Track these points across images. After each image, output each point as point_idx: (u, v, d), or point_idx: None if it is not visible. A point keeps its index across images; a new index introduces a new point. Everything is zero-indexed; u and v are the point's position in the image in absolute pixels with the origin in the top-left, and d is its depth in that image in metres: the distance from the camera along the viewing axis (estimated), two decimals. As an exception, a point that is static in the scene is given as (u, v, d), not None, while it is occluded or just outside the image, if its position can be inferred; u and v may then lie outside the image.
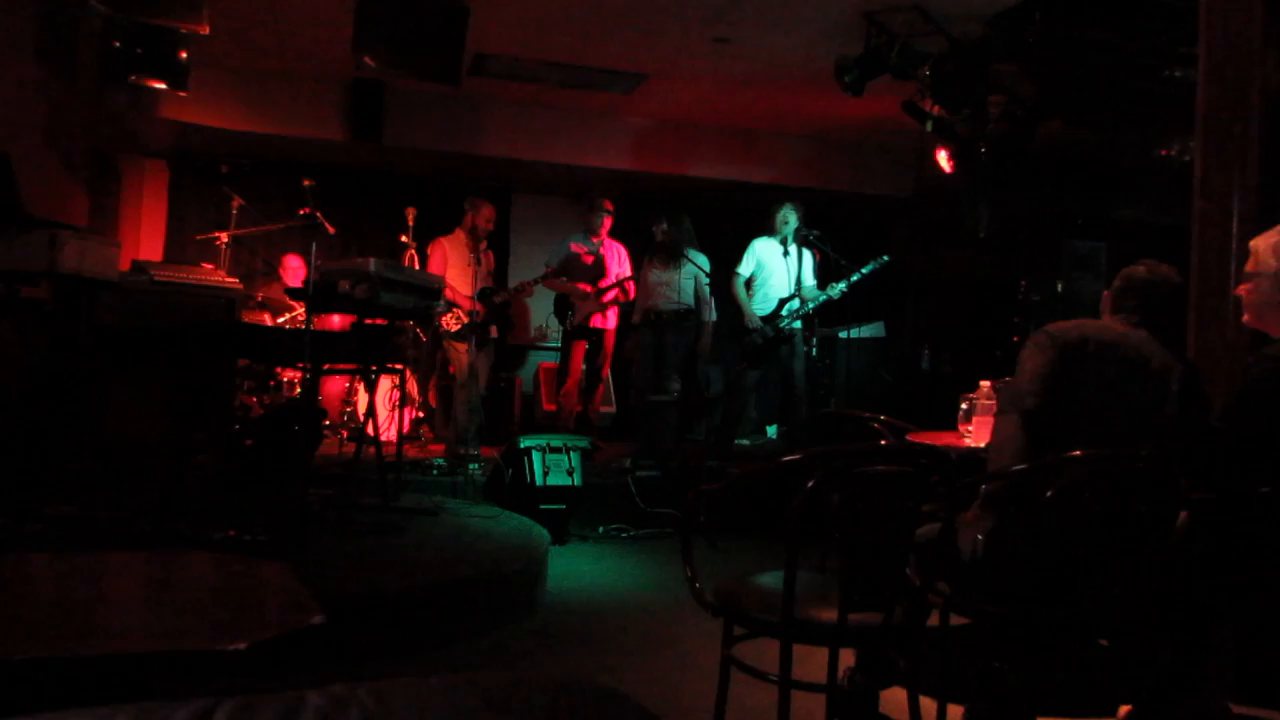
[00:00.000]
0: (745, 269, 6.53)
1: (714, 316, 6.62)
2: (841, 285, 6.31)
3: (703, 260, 6.53)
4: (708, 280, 6.59)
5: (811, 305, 6.40)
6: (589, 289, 6.85)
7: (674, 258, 6.45)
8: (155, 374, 4.68)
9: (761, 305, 6.46)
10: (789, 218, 6.46)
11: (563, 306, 7.10)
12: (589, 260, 6.96)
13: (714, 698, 2.48)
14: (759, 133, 8.37)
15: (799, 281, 6.42)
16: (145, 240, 8.07)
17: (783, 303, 6.40)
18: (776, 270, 6.47)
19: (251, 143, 7.47)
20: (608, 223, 6.95)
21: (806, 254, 6.52)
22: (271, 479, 4.75)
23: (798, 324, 6.41)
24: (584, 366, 7.01)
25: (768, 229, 6.56)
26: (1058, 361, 2.60)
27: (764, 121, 8.12)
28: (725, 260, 6.74)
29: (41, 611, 1.73)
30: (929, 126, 6.09)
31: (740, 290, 6.50)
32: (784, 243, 6.47)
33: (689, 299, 6.50)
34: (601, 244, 6.98)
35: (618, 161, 8.17)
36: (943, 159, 6.50)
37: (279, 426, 5.08)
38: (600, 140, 8.09)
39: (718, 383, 8.74)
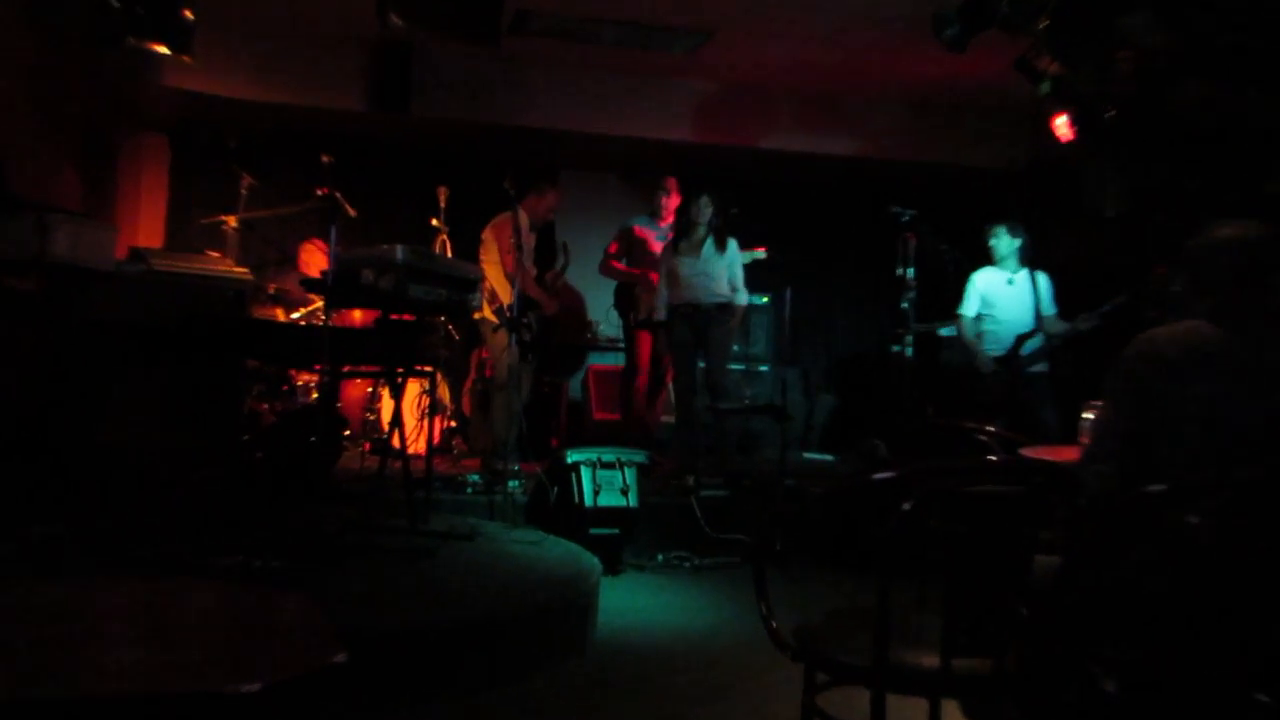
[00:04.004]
0: (969, 308, 6.47)
1: (745, 301, 6.64)
2: (1094, 319, 6.05)
3: (734, 247, 6.57)
4: (741, 268, 6.61)
5: (1058, 340, 6.20)
6: (658, 278, 6.86)
7: (721, 244, 6.47)
8: (155, 376, 4.76)
9: (993, 346, 6.34)
10: (1005, 240, 6.39)
11: (625, 297, 7.10)
12: (657, 247, 6.97)
13: (794, 755, 2.45)
14: (843, 98, 8.31)
15: (1038, 312, 6.27)
16: (144, 225, 8.24)
17: (1020, 339, 6.23)
18: (1004, 303, 6.36)
19: (263, 114, 7.59)
20: (672, 204, 6.97)
21: (1042, 279, 6.38)
22: (285, 497, 4.81)
23: (1043, 365, 6.25)
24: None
25: (987, 259, 6.48)
26: (1138, 406, 2.50)
27: (849, 85, 8.05)
28: (796, 242, 6.70)
29: (23, 647, 1.76)
30: (1045, 88, 5.99)
31: (968, 331, 6.47)
32: (1012, 267, 6.40)
33: (726, 288, 6.52)
34: (670, 228, 7.00)
35: (679, 132, 8.16)
36: (1061, 125, 6.39)
37: (293, 437, 5.15)
38: (658, 108, 8.08)
39: (794, 388, 8.69)
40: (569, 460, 5.46)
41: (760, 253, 7.42)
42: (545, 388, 7.82)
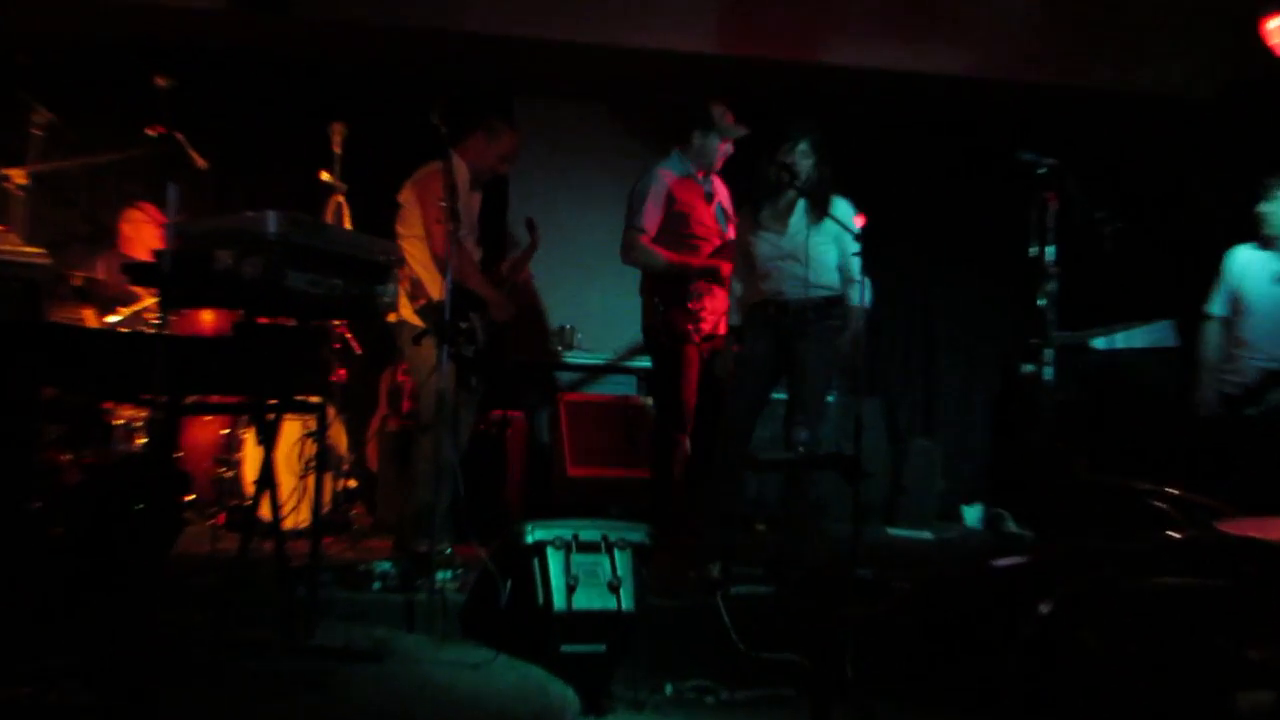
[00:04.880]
0: (1219, 305, 6.53)
1: (867, 301, 6.54)
2: None
3: (846, 210, 6.46)
4: (856, 244, 6.48)
5: None
6: (723, 264, 6.79)
7: (817, 209, 6.36)
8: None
9: (1235, 377, 6.38)
10: None
11: (668, 296, 6.93)
12: (706, 214, 6.96)
13: None
14: (947, -10, 8.35)
15: None
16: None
17: (1269, 377, 6.27)
18: (1264, 305, 6.40)
19: (69, 17, 7.59)
20: (726, 151, 6.93)
21: None
22: (98, 594, 4.78)
23: None
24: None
25: (1236, 234, 6.52)
26: None
27: (956, -29, 8.09)
28: (877, 208, 6.65)
29: None
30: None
31: (1209, 345, 6.55)
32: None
33: (833, 277, 6.44)
34: (713, 188, 6.99)
35: (693, 40, 8.19)
36: (1275, 32, 6.40)
37: (110, 504, 5.12)
38: (668, 4, 8.10)
39: (873, 429, 8.67)
40: (529, 539, 5.39)
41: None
42: (493, 428, 7.81)
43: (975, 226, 9.12)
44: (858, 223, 6.49)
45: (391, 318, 6.21)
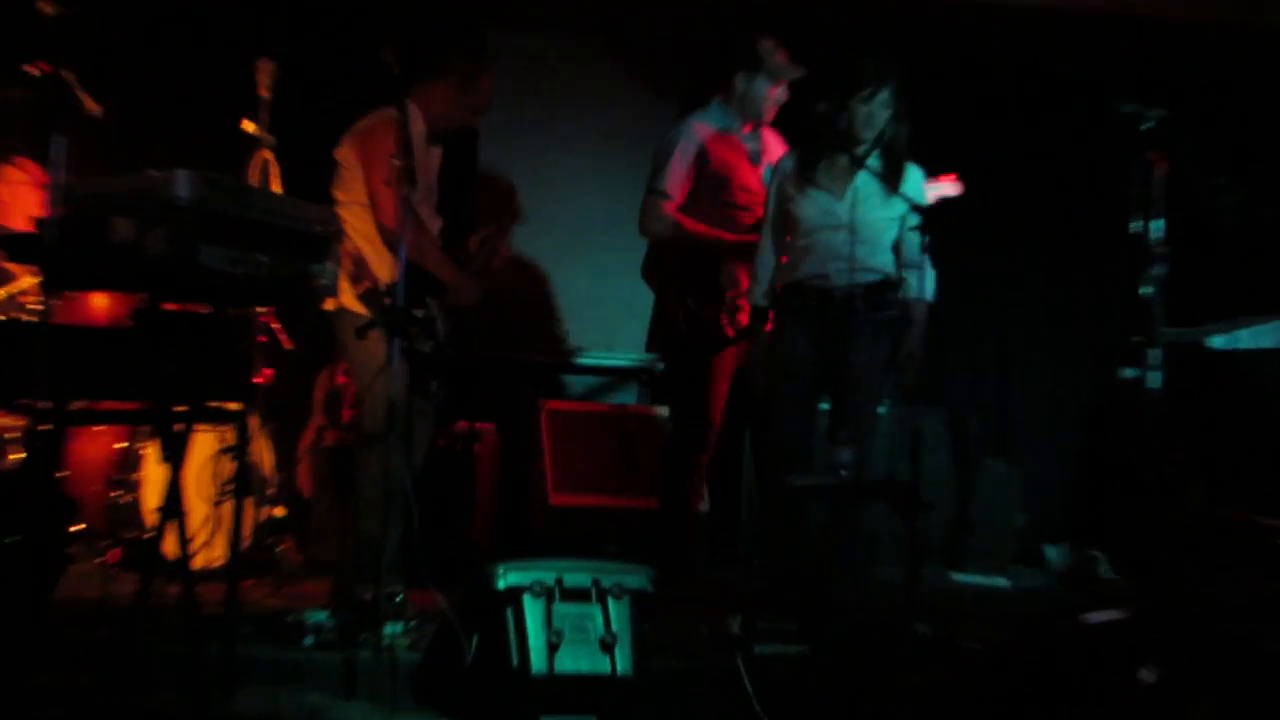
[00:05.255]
0: None
1: (930, 293, 6.50)
2: None
3: (916, 180, 6.41)
4: (917, 221, 6.43)
5: None
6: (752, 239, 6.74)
7: (891, 176, 6.28)
8: None
9: None
10: None
11: (696, 281, 6.89)
12: (750, 177, 6.95)
13: None
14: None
15: None
16: None
17: None
18: None
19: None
20: (778, 96, 6.89)
21: None
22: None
23: None
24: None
25: None
26: None
27: None
28: (939, 173, 6.64)
29: None
30: None
31: None
32: None
33: (887, 259, 6.39)
34: (762, 145, 7.00)
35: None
36: None
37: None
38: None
39: (935, 448, 8.67)
40: (501, 584, 5.40)
41: (945, 185, 7.01)
42: (457, 444, 7.81)
43: (1062, 195, 9.10)
44: (950, 187, 6.44)
45: (329, 305, 6.17)
